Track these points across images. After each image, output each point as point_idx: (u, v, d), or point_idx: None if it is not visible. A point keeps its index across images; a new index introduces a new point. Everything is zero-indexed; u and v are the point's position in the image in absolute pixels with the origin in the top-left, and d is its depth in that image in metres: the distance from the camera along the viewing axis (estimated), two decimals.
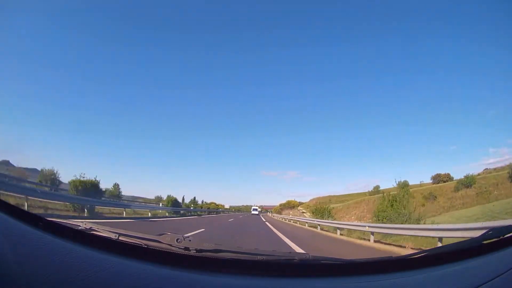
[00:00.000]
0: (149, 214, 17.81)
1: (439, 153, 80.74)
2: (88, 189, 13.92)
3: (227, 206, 69.48)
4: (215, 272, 0.93)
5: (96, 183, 14.82)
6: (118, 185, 24.89)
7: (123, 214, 14.76)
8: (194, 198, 48.69)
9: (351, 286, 0.98)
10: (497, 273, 0.93)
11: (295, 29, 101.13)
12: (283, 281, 0.95)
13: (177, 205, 26.24)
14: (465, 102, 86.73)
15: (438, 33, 75.25)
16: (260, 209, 68.69)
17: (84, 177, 14.24)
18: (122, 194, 25.16)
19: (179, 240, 1.07)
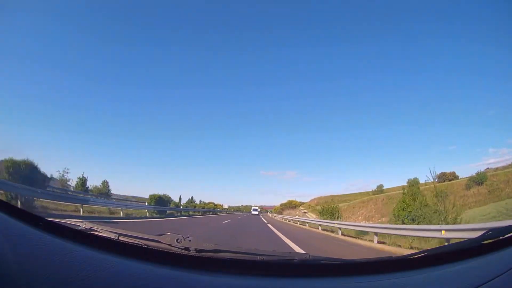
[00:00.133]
0: (121, 214, 14.66)
1: (439, 153, 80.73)
2: (23, 173, 10.04)
3: (226, 206, 68.87)
4: (215, 272, 0.93)
5: (34, 166, 11.12)
6: (107, 183, 22.81)
7: (80, 212, 11.65)
8: (192, 198, 47.13)
9: (351, 286, 0.98)
10: (497, 273, 0.93)
11: (295, 29, 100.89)
12: (283, 281, 0.95)
13: (163, 204, 23.15)
14: (465, 102, 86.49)
15: (438, 33, 75.11)
16: (260, 209, 68.58)
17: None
18: (112, 193, 23.31)
19: (179, 240, 1.07)
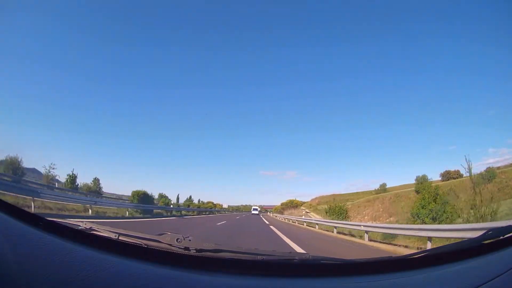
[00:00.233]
0: (90, 212, 12.66)
1: (439, 153, 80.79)
2: None
3: (225, 206, 68.55)
4: (215, 272, 0.93)
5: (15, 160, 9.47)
6: (99, 180, 21.91)
7: (31, 206, 9.59)
8: (190, 197, 46.86)
9: (351, 286, 0.98)
10: (497, 273, 0.93)
11: (295, 29, 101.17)
12: (283, 281, 0.95)
13: (148, 202, 20.71)
14: (465, 102, 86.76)
15: (438, 33, 75.28)
16: (260, 209, 68.54)
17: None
18: (104, 191, 22.47)
19: (179, 240, 1.07)
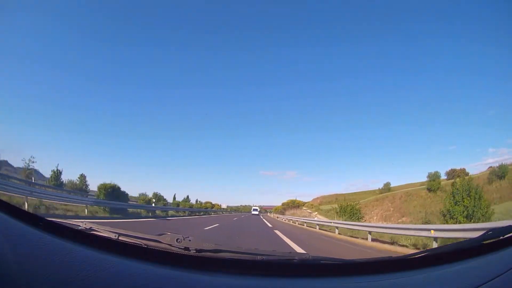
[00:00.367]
0: (26, 206, 9.31)
1: (439, 153, 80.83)
2: None
3: (224, 206, 67.49)
4: (215, 272, 0.93)
5: None
6: (85, 177, 19.60)
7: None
8: (187, 197, 45.56)
9: (351, 286, 0.98)
10: (497, 273, 0.93)
11: (295, 29, 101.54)
12: (283, 281, 0.95)
13: (118, 198, 15.35)
14: (465, 102, 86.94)
15: (438, 33, 75.59)
16: (259, 209, 68.34)
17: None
18: (90, 189, 19.28)
19: (179, 240, 1.07)
